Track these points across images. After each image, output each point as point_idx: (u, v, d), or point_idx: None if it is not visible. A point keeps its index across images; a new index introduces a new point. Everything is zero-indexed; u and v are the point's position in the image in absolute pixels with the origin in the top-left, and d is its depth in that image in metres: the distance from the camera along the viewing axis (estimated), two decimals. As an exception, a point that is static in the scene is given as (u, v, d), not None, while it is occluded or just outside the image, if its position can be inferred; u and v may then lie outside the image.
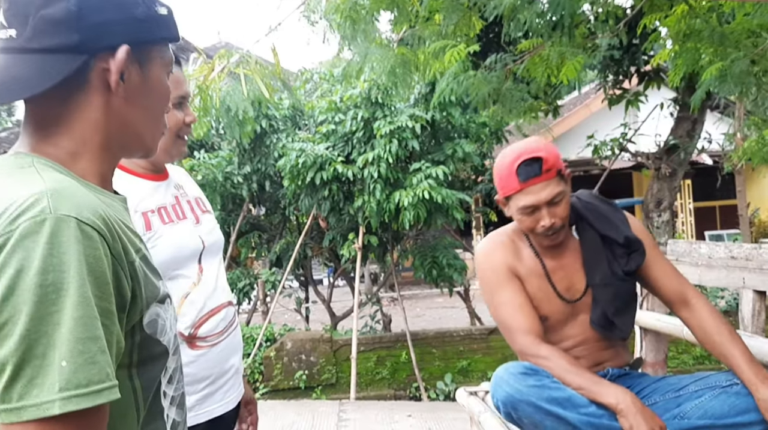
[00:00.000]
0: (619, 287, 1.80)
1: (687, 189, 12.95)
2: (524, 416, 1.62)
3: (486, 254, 1.87)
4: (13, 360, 0.64)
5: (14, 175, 0.75)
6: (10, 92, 0.77)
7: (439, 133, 6.26)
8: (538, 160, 1.70)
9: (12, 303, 0.64)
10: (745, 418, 1.64)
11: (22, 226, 0.66)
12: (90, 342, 0.66)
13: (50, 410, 0.63)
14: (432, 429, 4.68)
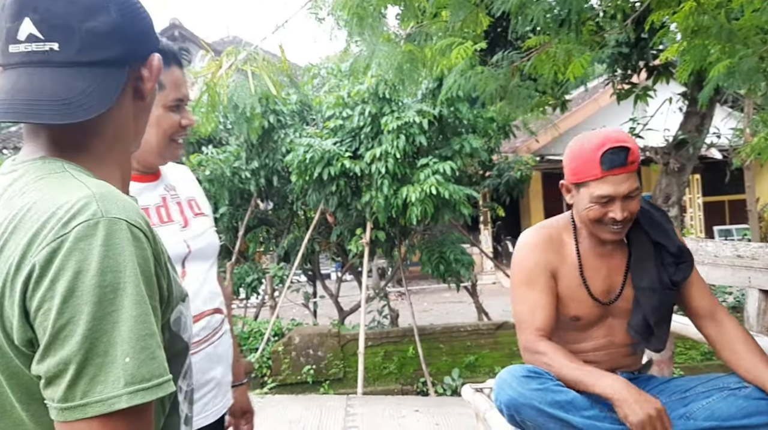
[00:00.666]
0: (664, 296, 1.77)
1: (696, 184, 12.89)
2: (527, 419, 1.62)
3: (527, 246, 1.83)
4: (76, 359, 0.66)
5: (50, 179, 0.76)
6: (82, 108, 0.76)
7: (446, 128, 6.25)
8: (625, 150, 1.65)
9: (72, 304, 0.66)
10: (752, 421, 1.64)
11: (76, 229, 0.68)
12: (149, 338, 0.69)
13: (117, 405, 0.65)
14: (439, 424, 4.70)
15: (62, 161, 0.79)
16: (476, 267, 9.24)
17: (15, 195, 0.75)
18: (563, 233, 1.85)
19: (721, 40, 2.64)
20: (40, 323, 0.67)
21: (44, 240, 0.68)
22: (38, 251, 0.68)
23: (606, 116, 10.40)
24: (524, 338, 1.75)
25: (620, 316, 1.82)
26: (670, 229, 1.82)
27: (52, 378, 0.66)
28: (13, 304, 0.68)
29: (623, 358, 1.85)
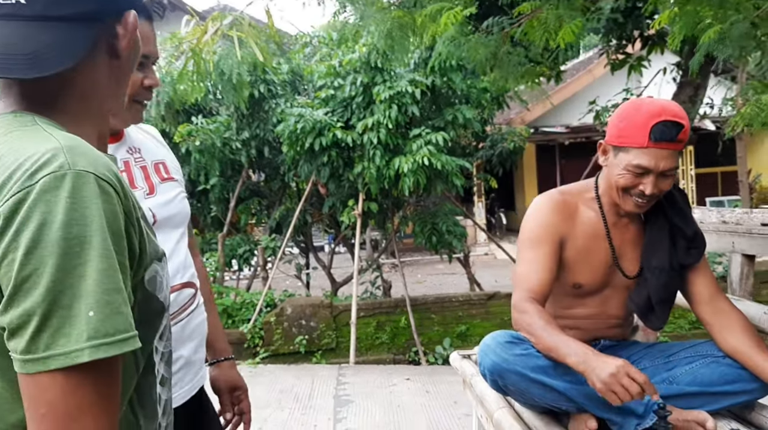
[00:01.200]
0: (671, 277, 1.75)
1: (689, 155, 12.90)
2: (510, 384, 1.62)
3: (536, 209, 1.80)
4: (39, 311, 0.65)
5: (19, 132, 0.75)
6: (48, 61, 0.75)
7: (439, 98, 6.21)
8: (679, 127, 1.59)
9: (37, 256, 0.65)
10: (734, 387, 1.66)
11: (42, 180, 0.67)
12: (115, 293, 0.68)
13: (79, 358, 0.65)
14: (430, 392, 4.75)
15: (33, 115, 0.78)
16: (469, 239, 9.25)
17: None
18: (580, 201, 1.82)
19: (713, 6, 2.61)
20: (4, 273, 0.66)
21: (9, 191, 0.68)
22: (3, 202, 0.67)
23: (600, 87, 10.33)
24: (516, 296, 1.75)
25: (619, 289, 1.82)
26: (688, 213, 1.80)
27: (15, 330, 0.66)
28: None
29: (610, 328, 1.86)
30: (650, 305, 1.75)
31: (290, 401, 4.55)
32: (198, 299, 1.39)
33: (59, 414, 0.65)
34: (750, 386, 1.64)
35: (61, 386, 0.65)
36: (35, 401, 0.66)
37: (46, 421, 0.65)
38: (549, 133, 12.95)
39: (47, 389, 0.65)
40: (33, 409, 0.66)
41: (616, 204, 1.75)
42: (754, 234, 1.86)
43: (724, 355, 1.68)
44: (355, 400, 4.57)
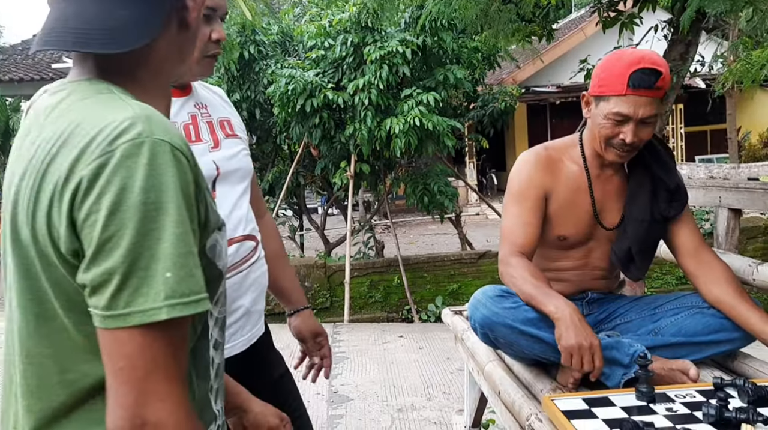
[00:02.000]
0: (651, 228, 1.78)
1: (679, 114, 12.91)
2: (500, 336, 1.67)
3: (522, 165, 1.83)
4: (120, 271, 0.69)
5: (96, 99, 0.78)
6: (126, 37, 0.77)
7: (430, 58, 6.17)
8: (657, 74, 1.60)
9: (118, 218, 0.69)
10: (717, 336, 1.71)
11: (122, 146, 0.70)
12: (188, 256, 0.72)
13: (156, 316, 0.69)
14: (423, 348, 4.86)
15: (107, 83, 0.80)
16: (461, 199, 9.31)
17: (62, 113, 0.77)
18: (564, 155, 1.85)
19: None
20: (86, 233, 0.70)
21: (91, 155, 0.71)
22: (86, 166, 0.70)
23: (592, 46, 10.28)
24: (503, 250, 1.79)
25: (603, 241, 1.86)
26: (672, 165, 1.82)
27: (96, 287, 0.70)
28: (61, 214, 0.71)
29: (596, 280, 1.90)
30: (630, 256, 1.79)
31: (287, 358, 4.58)
32: (259, 252, 1.44)
33: (135, 368, 0.69)
34: (733, 335, 1.70)
35: (138, 342, 0.69)
36: (113, 355, 0.70)
37: (123, 373, 0.70)
38: (540, 92, 12.90)
39: (125, 343, 0.69)
40: (111, 362, 0.71)
41: (599, 156, 1.78)
42: (740, 188, 1.90)
43: (708, 306, 1.73)
44: (350, 357, 4.67)
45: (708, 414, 1.32)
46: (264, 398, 1.26)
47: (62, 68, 12.53)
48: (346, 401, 3.79)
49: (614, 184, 1.83)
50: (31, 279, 0.76)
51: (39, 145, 0.76)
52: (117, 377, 0.70)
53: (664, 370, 1.65)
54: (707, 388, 1.50)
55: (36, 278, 0.76)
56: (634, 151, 1.73)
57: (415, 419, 3.49)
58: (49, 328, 0.76)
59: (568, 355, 1.52)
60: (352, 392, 3.94)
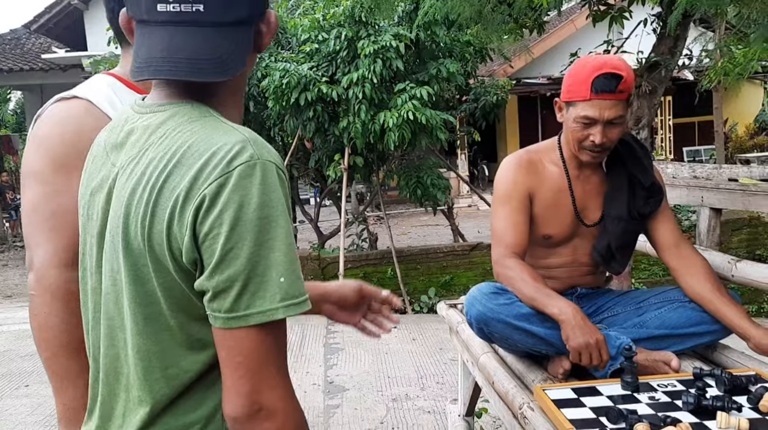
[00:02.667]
0: (629, 225, 1.88)
1: (668, 106, 13.03)
2: (495, 331, 1.76)
3: (505, 169, 1.94)
4: (241, 277, 0.78)
5: (203, 122, 0.85)
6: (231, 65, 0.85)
7: (423, 52, 6.23)
8: (618, 78, 1.70)
9: (238, 231, 0.78)
10: (697, 329, 1.81)
11: (239, 168, 0.79)
12: (295, 262, 0.82)
13: (274, 316, 0.78)
14: (416, 339, 4.96)
15: (206, 106, 0.88)
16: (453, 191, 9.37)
17: (170, 133, 0.85)
18: (545, 157, 1.95)
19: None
20: (208, 245, 0.78)
21: (211, 175, 0.79)
22: (207, 185, 0.78)
23: (583, 38, 10.35)
24: (496, 252, 1.89)
25: (587, 238, 1.96)
26: (648, 164, 1.92)
27: (219, 292, 0.79)
28: (183, 228, 0.79)
29: (584, 276, 2.00)
30: (611, 252, 1.90)
31: (283, 350, 4.73)
32: None
33: (253, 360, 0.79)
34: (712, 327, 1.80)
35: (255, 339, 0.79)
36: (233, 351, 0.80)
37: (241, 366, 0.79)
38: (531, 84, 12.98)
39: (244, 340, 0.79)
40: (230, 357, 0.80)
41: (576, 157, 1.88)
42: (721, 189, 2.00)
43: (689, 300, 1.83)
44: (345, 348, 4.77)
45: (687, 402, 1.42)
46: None
47: (52, 58, 12.46)
48: (342, 391, 3.89)
49: (593, 184, 1.93)
50: (142, 284, 0.84)
51: (149, 164, 0.83)
52: (236, 370, 0.79)
53: (648, 361, 1.75)
54: (687, 378, 1.60)
55: (146, 282, 0.84)
56: (606, 151, 1.83)
57: (409, 409, 3.59)
58: (156, 327, 0.85)
59: (576, 354, 1.62)
60: (348, 382, 4.04)
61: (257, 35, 0.91)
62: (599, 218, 1.93)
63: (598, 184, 1.93)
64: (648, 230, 1.93)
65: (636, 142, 1.93)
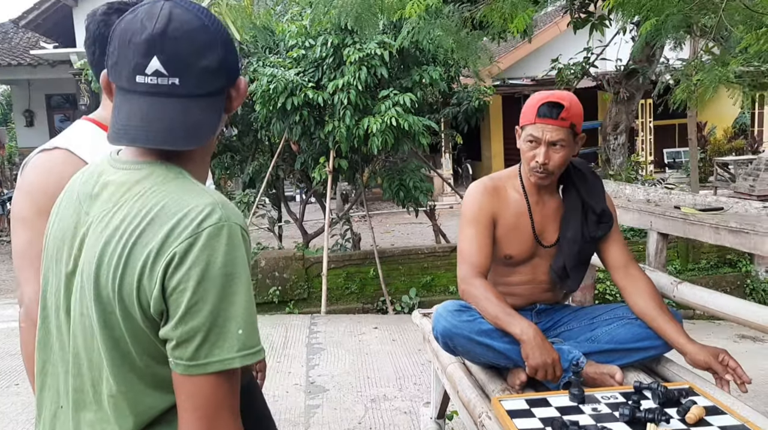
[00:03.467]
0: (582, 247, 2.08)
1: (648, 108, 13.26)
2: (458, 345, 1.95)
3: (472, 194, 2.14)
4: (203, 329, 0.86)
5: (175, 183, 0.92)
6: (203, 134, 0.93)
7: (407, 59, 6.38)
8: (559, 107, 1.95)
9: (203, 287, 0.85)
10: (643, 344, 2.01)
11: (207, 229, 0.87)
12: (253, 315, 0.90)
13: (231, 364, 0.87)
14: (396, 340, 5.12)
15: (179, 167, 0.95)
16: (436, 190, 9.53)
17: (145, 191, 0.92)
18: (507, 184, 2.15)
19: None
20: (175, 298, 0.86)
21: (182, 234, 0.86)
22: (178, 243, 0.86)
23: (567, 40, 10.51)
24: (462, 270, 2.07)
25: (545, 258, 2.14)
26: (600, 191, 2.12)
27: (182, 342, 0.86)
28: (152, 281, 0.86)
29: (543, 293, 2.18)
30: (566, 271, 2.09)
31: (266, 349, 4.83)
32: None
33: (209, 405, 0.87)
34: (656, 343, 1.99)
35: (213, 385, 0.87)
36: (192, 396, 0.87)
37: (200, 410, 0.87)
38: (515, 85, 13.17)
39: (202, 386, 0.87)
40: (189, 401, 0.88)
41: (535, 184, 2.07)
42: (668, 216, 2.18)
43: (636, 317, 2.02)
44: (327, 348, 4.92)
45: (623, 414, 1.60)
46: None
47: (40, 54, 12.47)
48: (323, 391, 4.05)
49: (551, 209, 2.12)
50: (110, 329, 0.91)
51: (123, 220, 0.90)
52: (194, 413, 0.87)
53: (596, 373, 1.93)
54: (629, 390, 1.78)
55: (114, 327, 0.91)
56: (551, 174, 2.02)
57: (387, 409, 3.76)
58: (124, 368, 0.92)
59: (534, 371, 1.81)
60: (328, 382, 4.20)
61: (227, 100, 0.99)
62: (556, 240, 2.11)
63: (555, 209, 2.11)
64: (600, 252, 2.12)
65: (589, 170, 2.12)
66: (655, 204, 2.26)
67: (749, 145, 13.55)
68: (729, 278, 6.83)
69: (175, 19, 0.91)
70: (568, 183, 2.11)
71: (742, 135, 14.18)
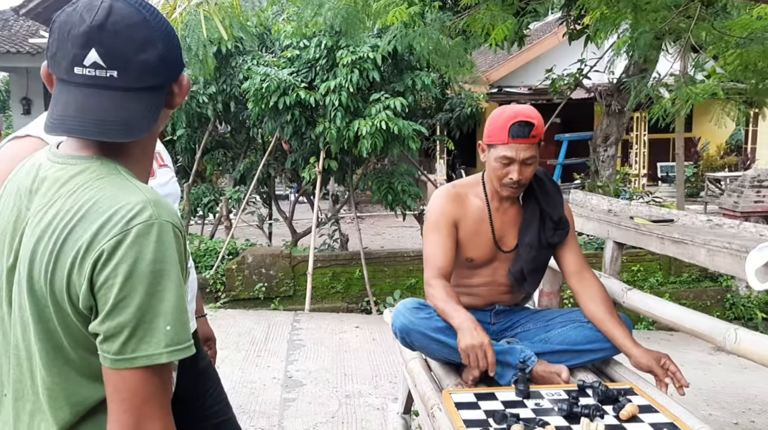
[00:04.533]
0: (539, 252, 2.17)
1: (643, 122, 13.36)
2: (415, 341, 2.04)
3: (435, 201, 2.22)
4: (130, 325, 0.86)
5: (109, 179, 0.92)
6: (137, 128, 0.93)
7: (400, 62, 6.47)
8: (530, 126, 2.02)
9: (131, 283, 0.86)
10: (593, 346, 2.10)
11: (136, 227, 0.87)
12: (183, 313, 0.90)
13: (158, 360, 0.88)
14: (375, 340, 5.21)
15: (115, 163, 0.96)
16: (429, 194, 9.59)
17: (78, 188, 0.92)
18: (470, 191, 2.23)
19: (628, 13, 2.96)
20: (103, 294, 0.87)
21: (111, 231, 0.87)
22: (106, 240, 0.87)
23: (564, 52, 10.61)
24: (427, 272, 2.16)
25: (504, 262, 2.23)
26: (558, 200, 2.22)
27: (109, 336, 0.87)
28: (81, 277, 0.87)
29: (502, 294, 2.27)
30: (523, 275, 2.18)
31: (247, 343, 4.96)
32: (192, 263, 1.72)
33: (135, 398, 0.88)
34: (605, 345, 2.08)
35: (140, 379, 0.88)
36: (118, 388, 0.88)
37: (125, 403, 0.88)
38: (512, 93, 13.26)
39: (129, 380, 0.88)
40: (116, 394, 0.88)
41: (497, 192, 2.16)
42: (622, 226, 2.27)
43: (588, 320, 2.11)
44: (307, 344, 5.00)
45: (561, 409, 1.69)
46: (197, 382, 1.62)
47: (39, 43, 12.52)
48: (299, 385, 4.13)
49: (511, 215, 2.21)
50: (44, 322, 0.92)
51: (56, 215, 0.91)
52: (120, 405, 0.88)
53: (545, 372, 2.02)
54: (573, 388, 1.87)
55: (48, 320, 0.92)
56: (522, 187, 2.12)
57: (360, 405, 3.84)
58: (59, 360, 0.94)
59: (465, 355, 1.89)
60: (306, 377, 4.28)
61: (169, 95, 0.99)
62: (515, 245, 2.20)
63: (514, 215, 2.20)
64: (557, 258, 2.22)
65: (549, 179, 2.21)
66: (614, 214, 2.35)
67: (742, 162, 13.67)
68: (710, 292, 6.93)
69: (115, 12, 0.92)
70: (528, 191, 2.20)
71: (736, 152, 14.30)
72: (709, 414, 3.96)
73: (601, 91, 7.78)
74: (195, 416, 1.70)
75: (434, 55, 3.33)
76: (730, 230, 1.99)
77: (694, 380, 4.56)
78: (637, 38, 2.81)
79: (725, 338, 1.69)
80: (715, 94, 4.09)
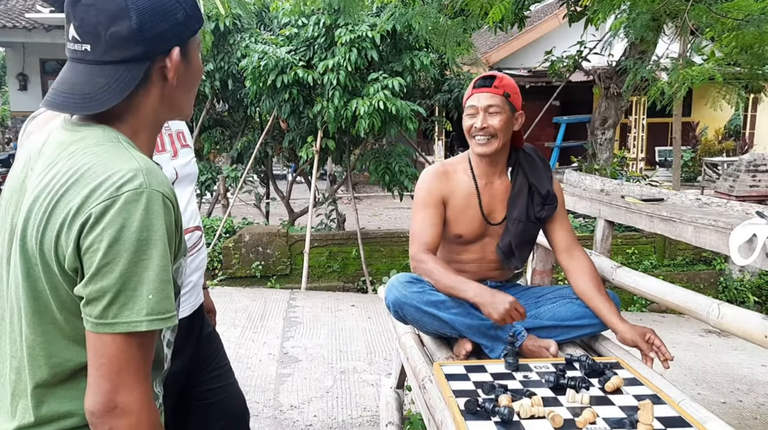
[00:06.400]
0: (527, 226, 2.20)
1: (642, 106, 13.34)
2: (407, 314, 2.07)
3: (423, 179, 2.26)
4: (113, 290, 0.88)
5: (107, 146, 0.94)
6: (98, 101, 0.95)
7: (399, 42, 6.45)
8: (492, 78, 2.13)
9: (116, 249, 0.88)
10: (581, 322, 2.14)
11: (126, 194, 0.89)
12: (167, 283, 0.91)
13: (138, 328, 0.89)
14: (371, 317, 5.26)
15: (117, 132, 0.98)
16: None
17: (78, 152, 0.94)
18: (457, 169, 2.26)
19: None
20: (88, 258, 0.89)
21: (101, 196, 0.89)
22: (95, 204, 0.88)
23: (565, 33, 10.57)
24: (413, 249, 2.19)
25: (493, 237, 2.26)
26: (546, 175, 2.24)
27: (91, 300, 0.89)
28: (69, 239, 0.89)
29: (492, 270, 2.30)
30: (511, 249, 2.21)
31: (243, 320, 5.01)
32: (203, 239, 1.78)
33: (114, 363, 0.89)
34: (593, 321, 2.12)
35: (119, 345, 0.89)
36: (98, 353, 0.89)
37: (103, 367, 0.89)
38: (511, 75, 13.20)
39: (109, 345, 0.89)
40: (95, 358, 0.90)
41: (484, 167, 2.20)
42: (614, 205, 2.30)
43: (577, 297, 2.15)
44: (303, 322, 5.06)
45: (548, 381, 1.73)
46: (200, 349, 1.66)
47: (36, 18, 12.44)
48: (295, 361, 4.18)
49: (499, 190, 2.24)
50: (33, 281, 0.95)
51: (54, 176, 0.93)
52: (98, 369, 0.90)
53: (534, 346, 2.06)
54: (560, 362, 1.91)
55: (37, 280, 0.94)
56: (493, 139, 2.13)
57: (354, 381, 3.90)
58: (43, 320, 0.95)
59: (502, 321, 1.91)
60: (301, 354, 4.33)
61: (161, 69, 1.00)
62: (503, 219, 2.23)
63: (503, 190, 2.23)
64: (546, 233, 2.25)
65: (538, 155, 2.24)
66: (606, 193, 2.38)
67: (740, 147, 13.68)
68: (703, 275, 6.99)
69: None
70: (516, 166, 2.23)
71: (734, 137, 14.30)
72: (697, 393, 4.03)
73: (600, 73, 7.77)
74: (197, 379, 1.75)
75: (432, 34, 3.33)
76: (717, 209, 2.02)
77: (684, 361, 4.64)
78: (634, 19, 2.81)
79: (708, 313, 1.72)
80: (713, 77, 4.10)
